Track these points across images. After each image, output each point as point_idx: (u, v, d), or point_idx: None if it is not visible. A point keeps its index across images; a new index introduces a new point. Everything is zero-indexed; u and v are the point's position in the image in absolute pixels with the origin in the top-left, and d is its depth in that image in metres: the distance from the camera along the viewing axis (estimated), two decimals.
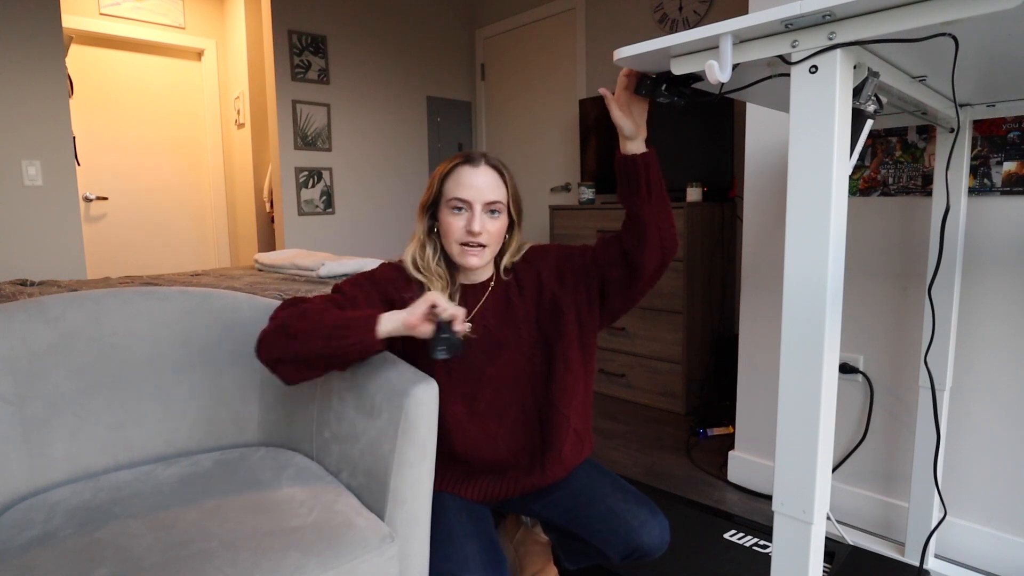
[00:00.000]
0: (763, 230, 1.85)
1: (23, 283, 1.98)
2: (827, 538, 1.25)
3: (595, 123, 3.18)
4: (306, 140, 3.45)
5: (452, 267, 1.14)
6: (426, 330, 0.93)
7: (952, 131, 1.28)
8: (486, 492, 1.16)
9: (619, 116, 0.97)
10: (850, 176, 1.38)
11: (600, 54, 3.40)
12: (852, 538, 1.59)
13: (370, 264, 2.23)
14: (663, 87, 0.89)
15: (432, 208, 1.12)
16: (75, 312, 1.15)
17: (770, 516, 1.62)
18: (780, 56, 0.70)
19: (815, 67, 0.67)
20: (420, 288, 1.10)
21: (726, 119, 2.63)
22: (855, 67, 0.70)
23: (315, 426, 1.17)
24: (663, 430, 2.44)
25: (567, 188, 3.66)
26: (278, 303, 1.16)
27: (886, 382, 1.63)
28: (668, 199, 1.05)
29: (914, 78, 0.91)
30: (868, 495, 1.66)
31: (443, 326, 0.92)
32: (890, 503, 1.62)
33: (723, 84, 0.76)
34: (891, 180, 1.58)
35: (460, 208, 1.07)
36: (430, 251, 1.12)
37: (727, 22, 0.70)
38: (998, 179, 1.40)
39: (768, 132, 1.81)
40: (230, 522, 0.92)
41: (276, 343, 0.98)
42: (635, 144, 1.01)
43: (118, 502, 0.99)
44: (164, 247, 4.03)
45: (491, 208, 1.08)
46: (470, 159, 1.09)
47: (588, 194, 3.08)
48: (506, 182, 1.11)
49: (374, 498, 1.00)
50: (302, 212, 3.47)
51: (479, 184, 1.07)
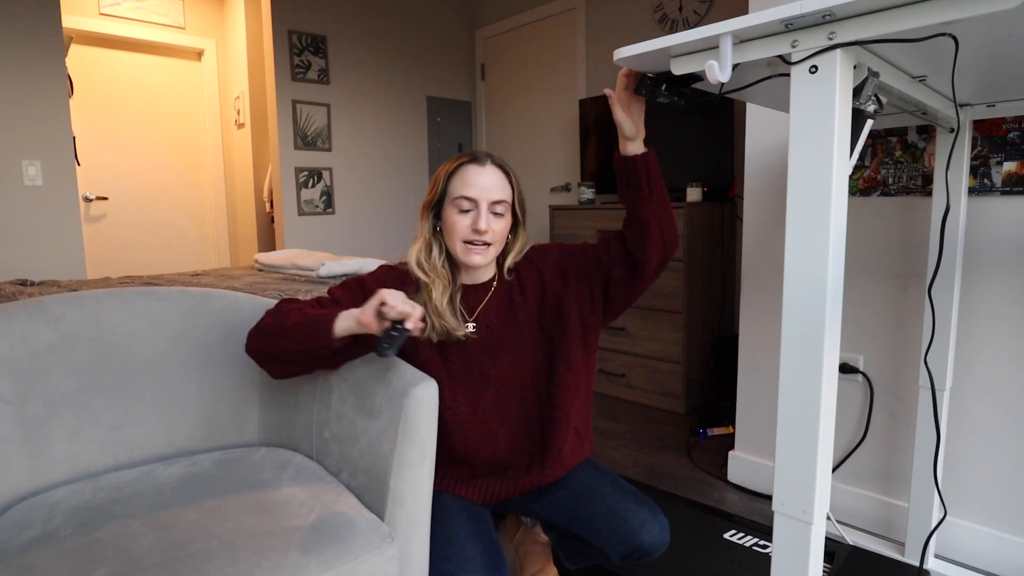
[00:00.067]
0: (763, 230, 1.85)
1: (23, 283, 1.98)
2: (827, 538, 1.25)
3: (595, 123, 3.18)
4: (306, 140, 3.45)
5: (453, 267, 1.14)
6: (377, 327, 0.92)
7: (952, 131, 1.28)
8: (487, 493, 1.16)
9: (622, 116, 0.97)
10: (850, 176, 1.38)
11: (600, 54, 3.39)
12: (852, 538, 1.59)
13: (370, 264, 2.23)
14: (663, 87, 0.89)
15: (436, 207, 1.12)
16: (75, 312, 1.15)
17: (770, 516, 1.62)
18: (780, 56, 0.70)
19: (815, 67, 0.67)
20: (415, 289, 1.10)
21: (726, 119, 2.63)
22: (855, 67, 0.70)
23: (315, 426, 1.17)
24: (663, 430, 2.44)
25: (567, 188, 3.66)
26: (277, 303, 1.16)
27: (886, 382, 1.63)
28: (668, 197, 1.06)
29: (914, 78, 0.91)
30: (868, 495, 1.66)
31: (396, 324, 0.90)
32: (890, 503, 1.62)
33: (723, 84, 0.76)
34: (891, 180, 1.58)
35: (466, 207, 1.07)
36: (435, 251, 1.12)
37: (727, 22, 0.70)
38: (998, 179, 1.40)
39: (768, 132, 1.81)
40: (230, 522, 0.92)
41: (255, 339, 1.06)
42: (635, 144, 1.01)
43: (118, 502, 0.99)
44: (164, 247, 4.03)
45: (496, 207, 1.08)
46: (476, 158, 1.09)
47: (588, 194, 3.08)
48: (511, 182, 1.11)
49: (374, 498, 1.00)
50: (302, 212, 3.47)
51: (485, 183, 1.07)
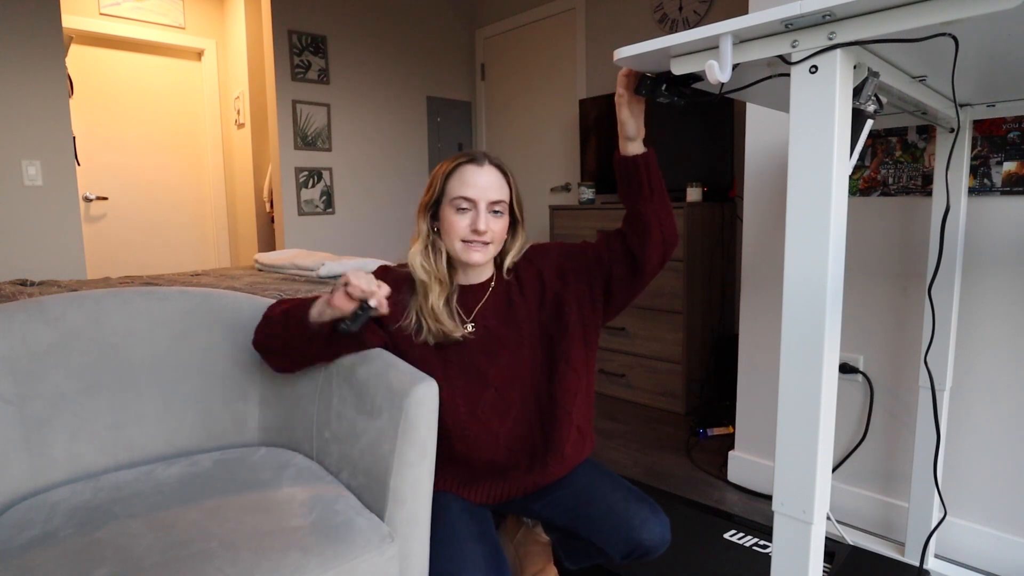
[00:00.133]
0: (763, 230, 1.85)
1: (23, 283, 1.98)
2: (827, 538, 1.25)
3: (595, 123, 3.18)
4: (306, 140, 3.45)
5: (450, 268, 1.14)
6: (347, 308, 0.98)
7: (952, 131, 1.28)
8: (489, 494, 1.16)
9: (627, 116, 0.97)
10: (850, 176, 1.38)
11: (600, 54, 3.39)
12: (852, 538, 1.59)
13: (370, 264, 2.23)
14: (663, 87, 0.89)
15: (434, 207, 1.12)
16: (75, 312, 1.15)
17: (770, 516, 1.62)
18: (780, 56, 0.70)
19: (815, 67, 0.67)
20: (409, 290, 1.11)
21: (726, 119, 2.63)
22: (855, 67, 0.70)
23: (315, 426, 1.17)
24: (663, 430, 2.44)
25: (567, 188, 3.66)
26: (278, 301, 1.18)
27: (886, 382, 1.63)
28: (668, 197, 1.06)
29: (914, 78, 0.91)
30: (868, 495, 1.66)
31: (363, 303, 0.97)
32: (890, 503, 1.62)
33: (723, 84, 0.76)
34: (891, 180, 1.58)
35: (464, 207, 1.07)
36: (434, 251, 1.12)
37: (727, 22, 0.70)
38: (998, 179, 1.40)
39: (768, 132, 1.81)
40: (230, 522, 0.92)
41: (257, 332, 1.14)
42: (635, 144, 1.01)
43: (118, 502, 0.99)
44: (164, 247, 4.03)
45: (495, 207, 1.08)
46: (474, 158, 1.09)
47: (588, 194, 3.08)
48: (509, 182, 1.11)
49: (374, 498, 1.00)
50: (302, 212, 3.47)
51: (483, 183, 1.07)
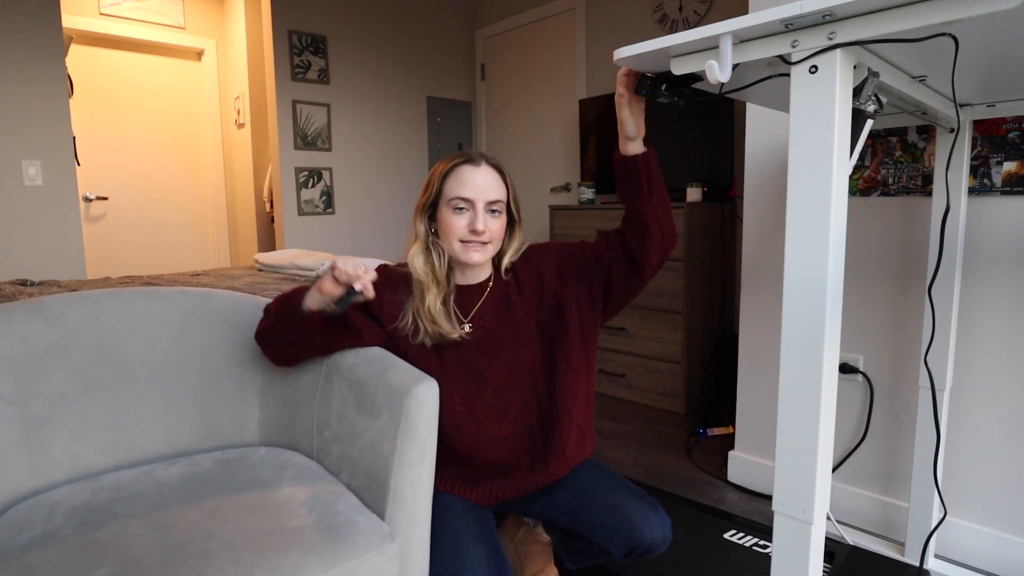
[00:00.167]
0: (763, 230, 1.85)
1: (23, 283, 1.98)
2: (827, 538, 1.25)
3: (595, 123, 3.18)
4: (306, 140, 3.45)
5: (448, 268, 1.14)
6: (335, 291, 1.01)
7: (952, 131, 1.28)
8: (491, 495, 1.16)
9: (627, 115, 0.97)
10: (850, 176, 1.38)
11: (600, 54, 3.39)
12: (852, 538, 1.59)
13: (370, 264, 2.22)
14: (663, 87, 0.89)
15: (431, 208, 1.12)
16: (75, 312, 1.15)
17: (770, 516, 1.62)
18: (780, 56, 0.70)
19: (815, 67, 0.67)
20: (407, 290, 1.12)
21: (726, 119, 2.63)
22: (855, 67, 0.70)
23: (315, 426, 1.17)
24: (663, 430, 2.44)
25: (567, 188, 3.66)
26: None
27: (886, 382, 1.63)
28: (667, 196, 1.06)
29: (914, 78, 0.91)
30: (868, 495, 1.66)
31: (350, 288, 1.00)
32: (890, 503, 1.62)
33: (723, 84, 0.76)
34: (891, 180, 1.58)
35: (462, 207, 1.07)
36: (433, 253, 1.12)
37: (727, 22, 0.70)
38: (998, 179, 1.40)
39: (768, 132, 1.81)
40: (230, 522, 0.92)
41: (260, 324, 1.16)
42: (635, 144, 1.01)
43: (118, 502, 0.99)
44: (164, 247, 4.03)
45: (492, 207, 1.08)
46: (470, 158, 1.09)
47: (588, 194, 3.08)
48: (506, 181, 1.11)
49: (374, 498, 1.00)
50: (302, 212, 3.47)
51: (481, 183, 1.07)
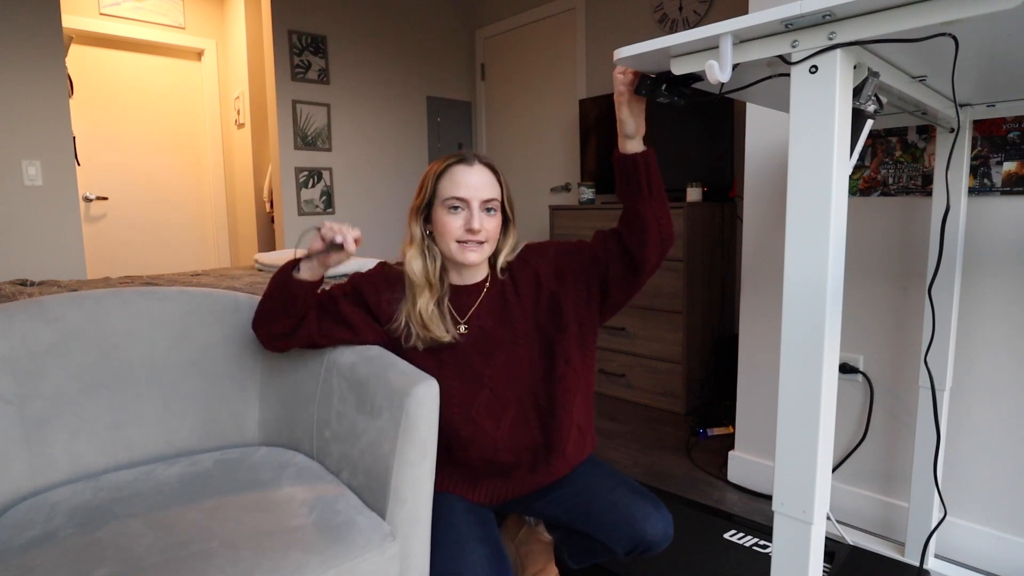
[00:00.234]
0: (763, 230, 1.85)
1: (23, 283, 1.98)
2: (827, 538, 1.25)
3: (595, 123, 3.18)
4: (306, 140, 3.45)
5: (443, 270, 1.14)
6: (318, 247, 1.02)
7: (952, 131, 1.28)
8: (492, 494, 1.16)
9: (627, 114, 0.97)
10: (850, 176, 1.38)
11: (600, 54, 3.39)
12: (852, 538, 1.59)
13: (371, 264, 2.22)
14: (663, 87, 0.89)
15: (426, 210, 1.12)
16: (75, 312, 1.15)
17: (770, 516, 1.62)
18: (780, 56, 0.70)
19: (815, 67, 0.67)
20: (402, 291, 1.12)
21: (726, 119, 2.63)
22: (855, 67, 0.70)
23: (315, 426, 1.17)
24: (663, 430, 2.44)
25: (567, 188, 3.66)
26: None
27: (886, 382, 1.63)
28: (666, 196, 1.06)
29: (914, 78, 0.91)
30: (868, 495, 1.66)
31: (332, 243, 1.01)
32: (890, 503, 1.62)
33: (723, 84, 0.76)
34: (891, 180, 1.58)
35: (457, 207, 1.07)
36: (428, 254, 1.12)
37: (727, 22, 0.70)
38: (998, 179, 1.40)
39: (768, 132, 1.81)
40: (231, 521, 0.92)
41: (256, 310, 1.14)
42: (634, 143, 1.01)
43: (118, 502, 0.99)
44: (164, 247, 4.03)
45: (487, 206, 1.08)
46: (464, 158, 1.09)
47: (588, 194, 3.08)
48: (500, 181, 1.11)
49: (375, 497, 1.00)
50: (302, 212, 3.47)
51: (475, 183, 1.07)
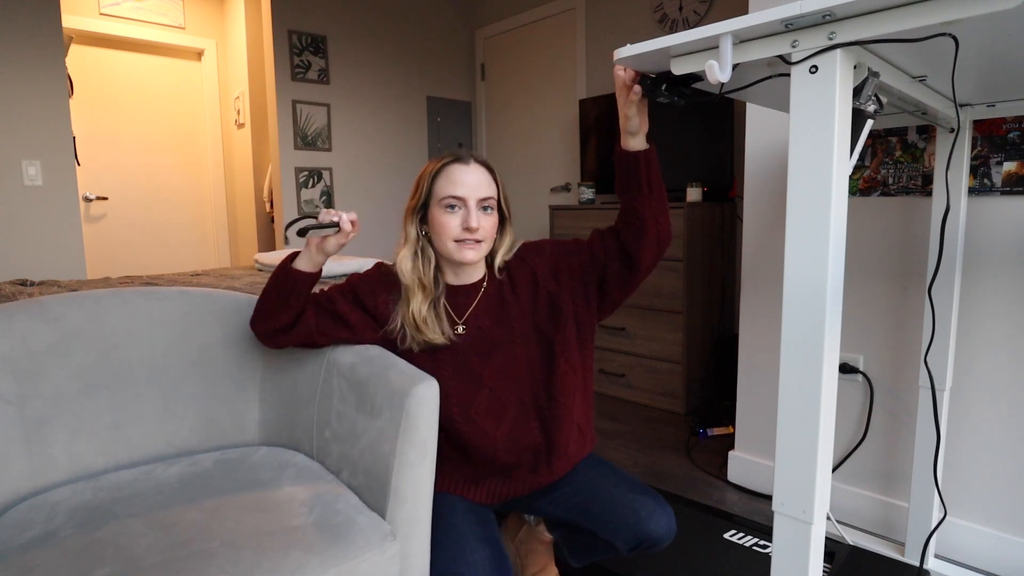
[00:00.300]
0: (763, 230, 1.85)
1: (23, 283, 1.98)
2: (827, 538, 1.25)
3: (595, 123, 3.18)
4: (306, 140, 3.45)
5: (439, 270, 1.14)
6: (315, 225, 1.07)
7: (952, 131, 1.28)
8: (493, 494, 1.16)
9: (632, 112, 0.96)
10: (850, 176, 1.38)
11: (600, 54, 3.39)
12: (852, 538, 1.59)
13: (369, 264, 2.22)
14: (663, 87, 0.89)
15: (422, 210, 1.11)
16: (75, 312, 1.15)
17: (770, 516, 1.62)
18: (780, 56, 0.70)
19: (815, 67, 0.67)
20: (397, 292, 1.11)
21: (726, 119, 2.63)
22: (855, 67, 0.70)
23: (315, 426, 1.17)
24: (663, 430, 2.44)
25: (567, 188, 3.66)
26: None
27: (886, 382, 1.63)
28: (665, 195, 1.05)
29: (914, 78, 0.91)
30: (868, 495, 1.66)
31: (331, 225, 1.07)
32: (890, 503, 1.62)
33: (723, 84, 0.76)
34: (891, 180, 1.58)
35: (454, 206, 1.07)
36: (423, 255, 1.12)
37: (727, 22, 0.70)
38: (998, 179, 1.40)
39: (768, 132, 1.81)
40: (231, 521, 0.92)
41: (256, 304, 1.15)
42: (637, 140, 1.01)
43: (119, 502, 0.99)
44: (164, 247, 4.03)
45: (484, 204, 1.08)
46: (459, 157, 1.09)
47: (588, 194, 3.08)
48: (495, 179, 1.11)
49: (375, 497, 1.00)
50: (302, 212, 3.47)
51: (471, 181, 1.07)
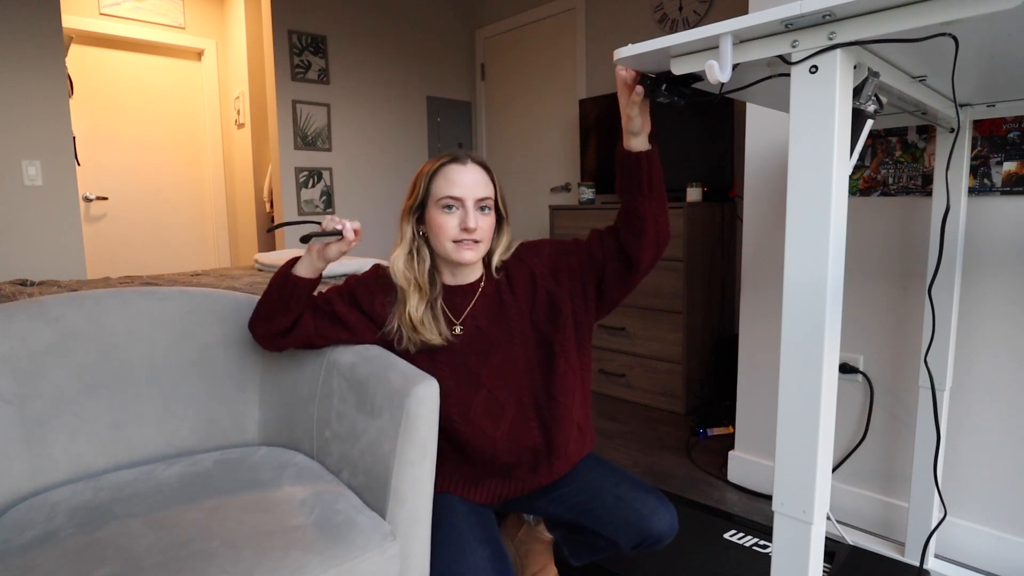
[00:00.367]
0: (763, 230, 1.85)
1: (23, 283, 1.98)
2: (827, 538, 1.25)
3: (595, 123, 3.18)
4: (306, 140, 3.45)
5: (437, 271, 1.14)
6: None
7: (952, 131, 1.28)
8: (493, 494, 1.16)
9: (636, 112, 0.96)
10: (850, 176, 1.38)
11: (600, 54, 3.39)
12: (852, 538, 1.59)
13: (368, 265, 2.23)
14: (663, 87, 0.89)
15: (419, 210, 1.11)
16: (75, 312, 1.15)
17: (770, 516, 1.62)
18: (780, 56, 0.70)
19: (815, 67, 0.67)
20: (394, 293, 1.11)
21: (726, 119, 2.63)
22: (855, 67, 0.70)
23: (315, 426, 1.17)
24: (663, 430, 2.45)
25: (567, 188, 3.66)
26: None
27: (886, 382, 1.63)
28: (665, 195, 1.05)
29: (914, 78, 0.91)
30: (868, 495, 1.66)
31: (332, 231, 1.07)
32: (890, 503, 1.62)
33: (723, 84, 0.76)
34: (891, 180, 1.58)
35: (451, 206, 1.07)
36: (419, 256, 1.11)
37: (727, 22, 0.70)
38: (998, 179, 1.40)
39: (768, 132, 1.81)
40: (231, 521, 0.92)
41: (255, 307, 1.14)
42: (639, 140, 1.01)
43: (119, 502, 0.99)
44: (164, 247, 4.03)
45: (482, 204, 1.08)
46: (456, 157, 1.09)
47: (588, 194, 3.08)
48: (493, 179, 1.11)
49: (375, 497, 1.00)
50: (302, 212, 3.47)
51: (469, 182, 1.07)
